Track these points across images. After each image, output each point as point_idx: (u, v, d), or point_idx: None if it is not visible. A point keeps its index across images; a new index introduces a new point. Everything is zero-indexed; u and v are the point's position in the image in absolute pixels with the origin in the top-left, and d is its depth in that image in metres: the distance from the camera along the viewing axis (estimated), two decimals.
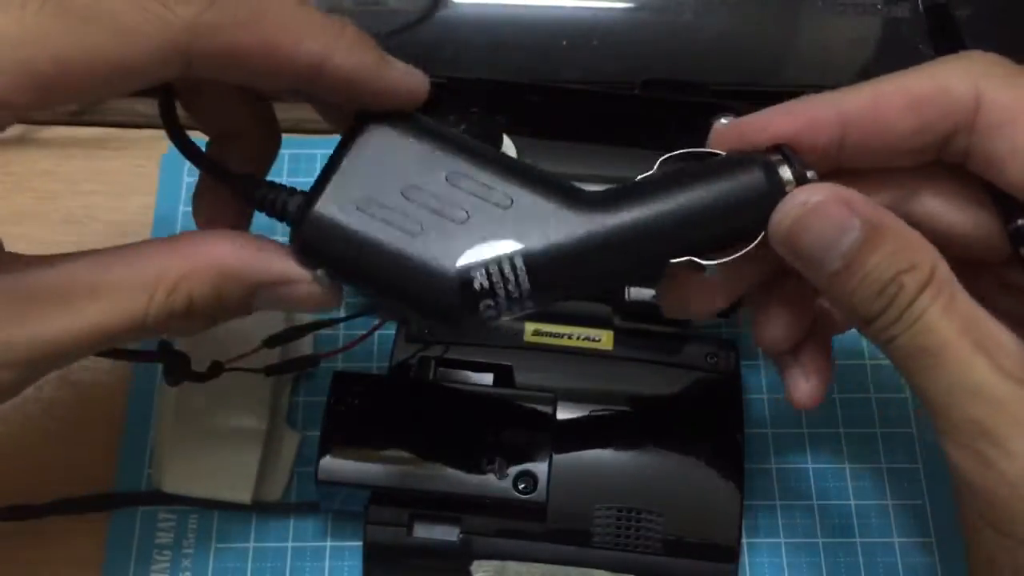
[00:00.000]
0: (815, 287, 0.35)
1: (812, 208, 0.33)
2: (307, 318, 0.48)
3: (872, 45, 0.56)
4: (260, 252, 0.34)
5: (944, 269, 0.33)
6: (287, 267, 0.34)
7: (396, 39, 0.55)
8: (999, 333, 0.32)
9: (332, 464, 0.41)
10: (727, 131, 0.37)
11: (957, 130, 0.34)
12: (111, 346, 0.34)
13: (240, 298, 0.34)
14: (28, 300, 0.32)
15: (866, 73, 0.55)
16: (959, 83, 0.34)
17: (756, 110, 0.45)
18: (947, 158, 0.35)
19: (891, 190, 0.36)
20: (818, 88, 0.56)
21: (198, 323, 0.35)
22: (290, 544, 0.46)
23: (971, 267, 0.35)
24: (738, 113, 0.47)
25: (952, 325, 0.32)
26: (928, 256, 0.33)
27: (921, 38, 0.56)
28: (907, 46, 0.56)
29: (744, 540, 0.45)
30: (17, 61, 0.30)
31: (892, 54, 0.56)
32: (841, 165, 0.35)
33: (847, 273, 0.33)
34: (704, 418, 0.43)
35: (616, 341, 0.46)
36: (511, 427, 0.42)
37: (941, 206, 0.37)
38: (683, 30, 0.56)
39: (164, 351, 0.42)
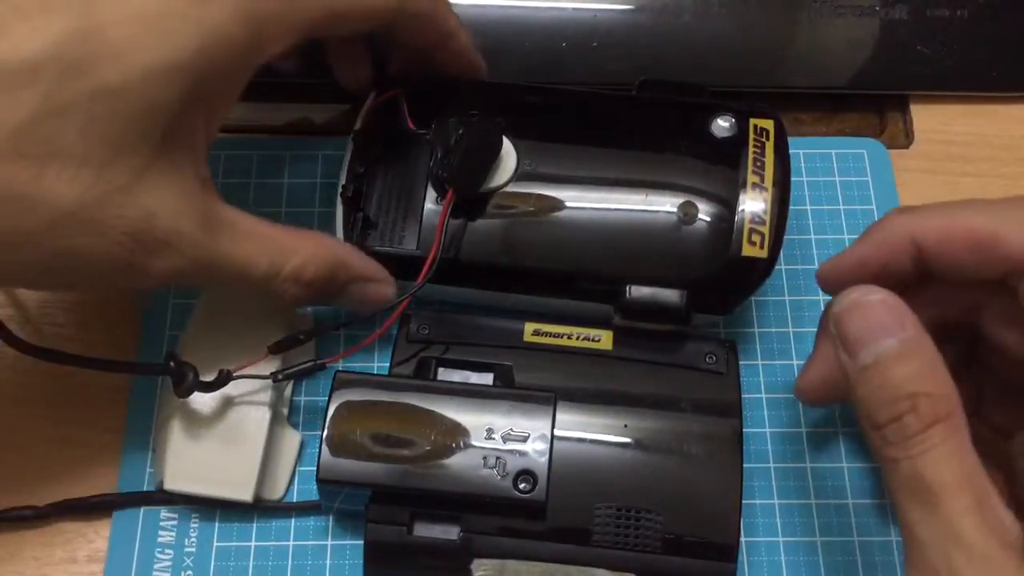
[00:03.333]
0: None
1: (866, 302, 0.35)
2: (308, 324, 0.49)
3: (870, 47, 0.57)
4: (361, 254, 0.45)
5: (962, 416, 0.34)
6: (376, 269, 0.45)
7: None
8: (992, 492, 0.33)
9: (333, 463, 0.41)
10: (825, 277, 0.42)
11: (1012, 273, 0.36)
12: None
13: (340, 284, 0.44)
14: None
15: (864, 75, 0.56)
16: (1016, 233, 0.36)
17: (754, 108, 0.46)
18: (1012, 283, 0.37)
19: (960, 301, 0.38)
20: (816, 90, 0.56)
21: (304, 295, 0.43)
22: (291, 543, 0.46)
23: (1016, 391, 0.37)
24: (737, 113, 0.47)
25: (956, 472, 0.33)
26: (952, 397, 0.34)
27: (919, 39, 0.57)
28: (905, 48, 0.57)
29: (743, 539, 0.45)
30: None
31: (890, 56, 0.57)
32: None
33: (873, 372, 0.34)
34: (703, 418, 0.44)
35: (616, 341, 0.46)
36: (511, 426, 0.42)
37: (1000, 323, 0.39)
38: (682, 32, 0.56)
39: (171, 363, 0.43)
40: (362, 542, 0.42)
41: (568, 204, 0.46)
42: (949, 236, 0.37)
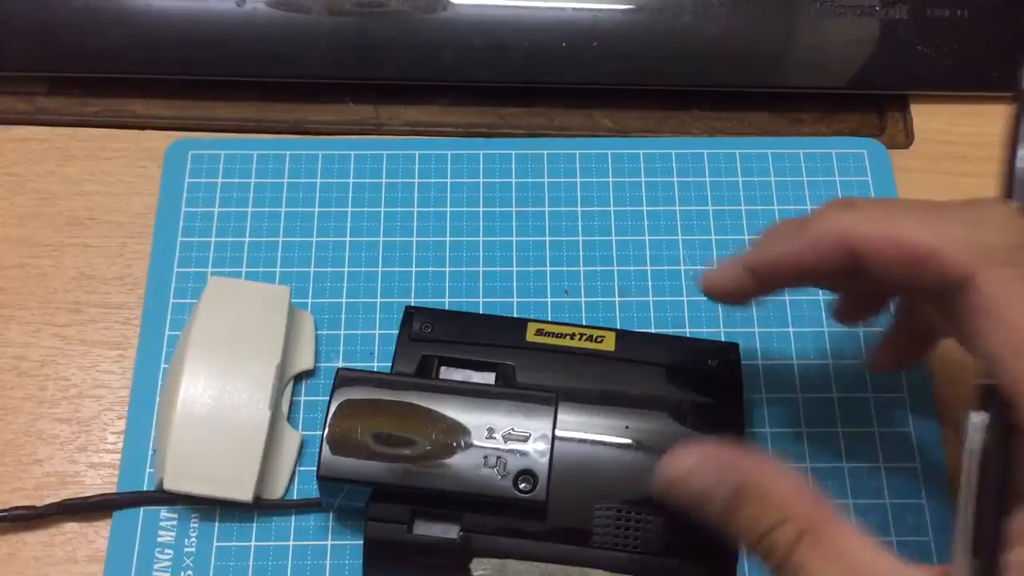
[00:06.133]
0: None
1: (687, 471, 0.36)
2: (309, 324, 0.48)
3: (870, 47, 0.57)
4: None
5: (823, 514, 0.34)
6: None
7: (397, 41, 0.55)
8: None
9: (334, 461, 0.41)
10: (754, 266, 0.40)
11: (947, 290, 0.34)
12: None
13: None
14: None
15: (864, 75, 0.56)
16: (955, 254, 0.33)
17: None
18: None
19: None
20: (816, 90, 0.56)
21: None
22: (291, 543, 0.46)
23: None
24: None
25: (834, 573, 0.33)
26: (801, 507, 0.34)
27: (919, 39, 0.57)
28: (905, 48, 0.57)
29: None
30: None
31: (890, 56, 0.57)
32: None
33: (731, 516, 0.35)
34: (704, 419, 0.43)
35: (618, 342, 0.46)
36: (512, 426, 0.42)
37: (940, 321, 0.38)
38: (682, 32, 0.56)
39: None
40: (362, 542, 0.42)
41: None
42: (885, 247, 0.35)
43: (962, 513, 0.33)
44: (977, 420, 0.33)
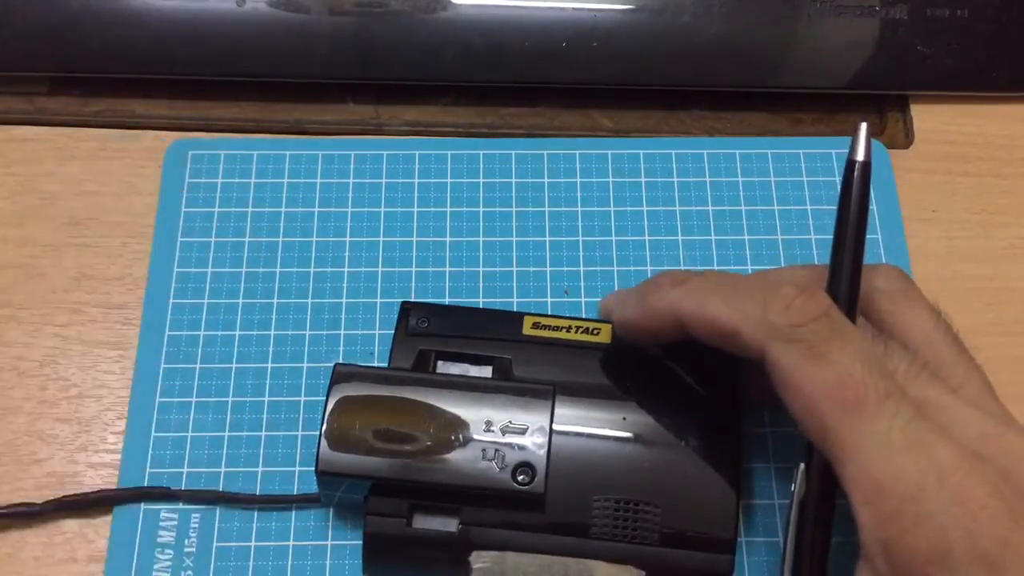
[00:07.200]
0: None
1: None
2: None
3: (870, 47, 0.57)
4: None
5: None
6: None
7: (397, 41, 0.56)
8: None
9: (332, 456, 0.41)
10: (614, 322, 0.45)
11: (751, 358, 0.38)
12: None
13: None
14: None
15: (864, 75, 0.56)
16: (751, 333, 0.38)
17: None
18: None
19: None
20: (816, 90, 0.56)
21: None
22: (291, 543, 0.46)
23: None
24: None
25: None
26: None
27: (919, 39, 0.57)
28: (905, 48, 0.57)
29: (743, 539, 0.45)
30: None
31: (890, 56, 0.57)
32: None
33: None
34: (702, 411, 0.43)
35: (613, 334, 0.46)
36: (510, 419, 0.42)
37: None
38: (682, 32, 0.56)
39: None
40: (362, 541, 0.42)
41: None
42: (701, 323, 0.40)
43: (787, 551, 0.39)
44: (800, 469, 0.39)
